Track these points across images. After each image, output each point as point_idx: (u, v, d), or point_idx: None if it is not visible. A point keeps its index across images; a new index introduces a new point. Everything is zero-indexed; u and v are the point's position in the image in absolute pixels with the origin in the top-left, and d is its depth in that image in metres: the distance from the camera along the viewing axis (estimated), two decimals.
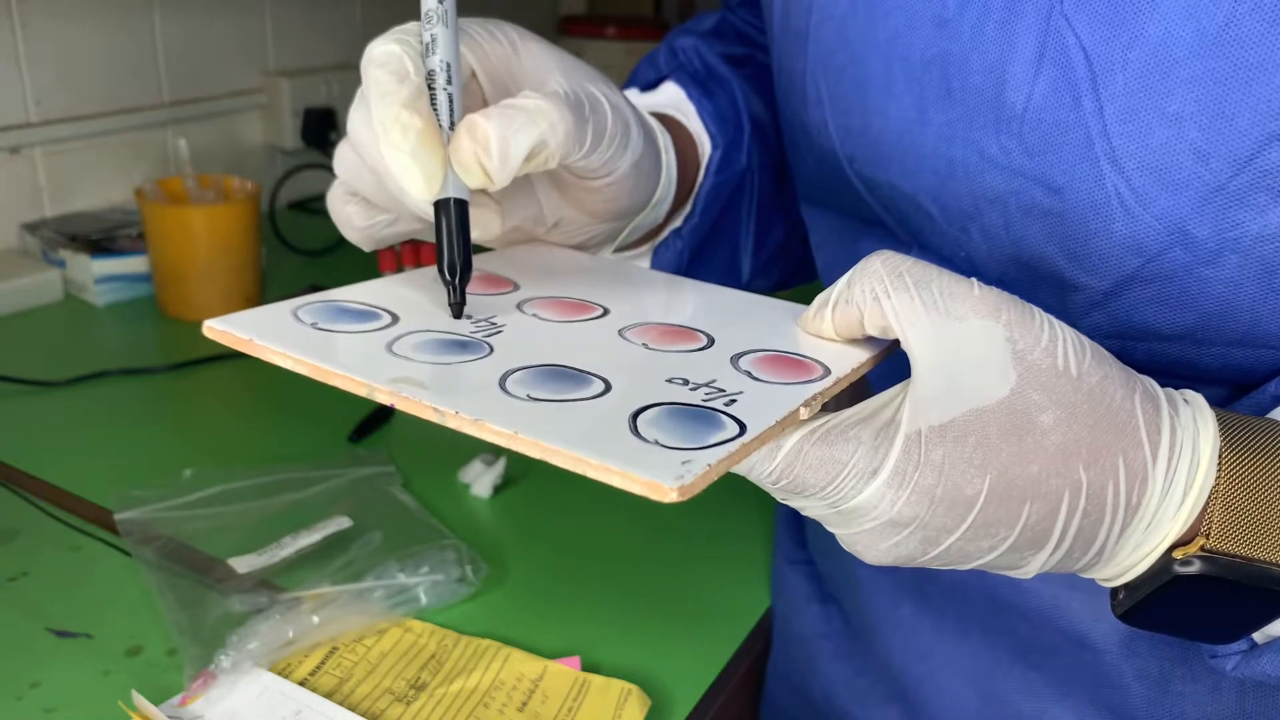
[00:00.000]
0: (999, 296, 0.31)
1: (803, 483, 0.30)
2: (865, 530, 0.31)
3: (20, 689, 0.49)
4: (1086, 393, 0.30)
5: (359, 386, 0.30)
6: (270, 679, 0.49)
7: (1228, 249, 0.34)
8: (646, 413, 0.29)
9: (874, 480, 0.29)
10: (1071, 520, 0.30)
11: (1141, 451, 0.30)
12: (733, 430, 0.28)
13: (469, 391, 0.29)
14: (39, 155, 1.01)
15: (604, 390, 0.30)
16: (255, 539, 0.58)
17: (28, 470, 0.67)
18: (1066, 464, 0.30)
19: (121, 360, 0.83)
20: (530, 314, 0.36)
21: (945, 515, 0.30)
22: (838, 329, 0.34)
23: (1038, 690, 0.46)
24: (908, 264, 0.31)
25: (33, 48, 0.98)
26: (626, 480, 0.26)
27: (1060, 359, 0.30)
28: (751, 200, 0.58)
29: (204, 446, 0.72)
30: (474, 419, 0.27)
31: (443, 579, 0.56)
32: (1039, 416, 0.29)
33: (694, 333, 0.36)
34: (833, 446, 0.30)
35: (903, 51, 0.39)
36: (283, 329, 0.33)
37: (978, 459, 0.29)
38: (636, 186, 0.42)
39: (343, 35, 1.33)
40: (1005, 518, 0.30)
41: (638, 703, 0.49)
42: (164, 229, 0.91)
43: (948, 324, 0.30)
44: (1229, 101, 0.32)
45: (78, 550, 0.59)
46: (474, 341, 0.33)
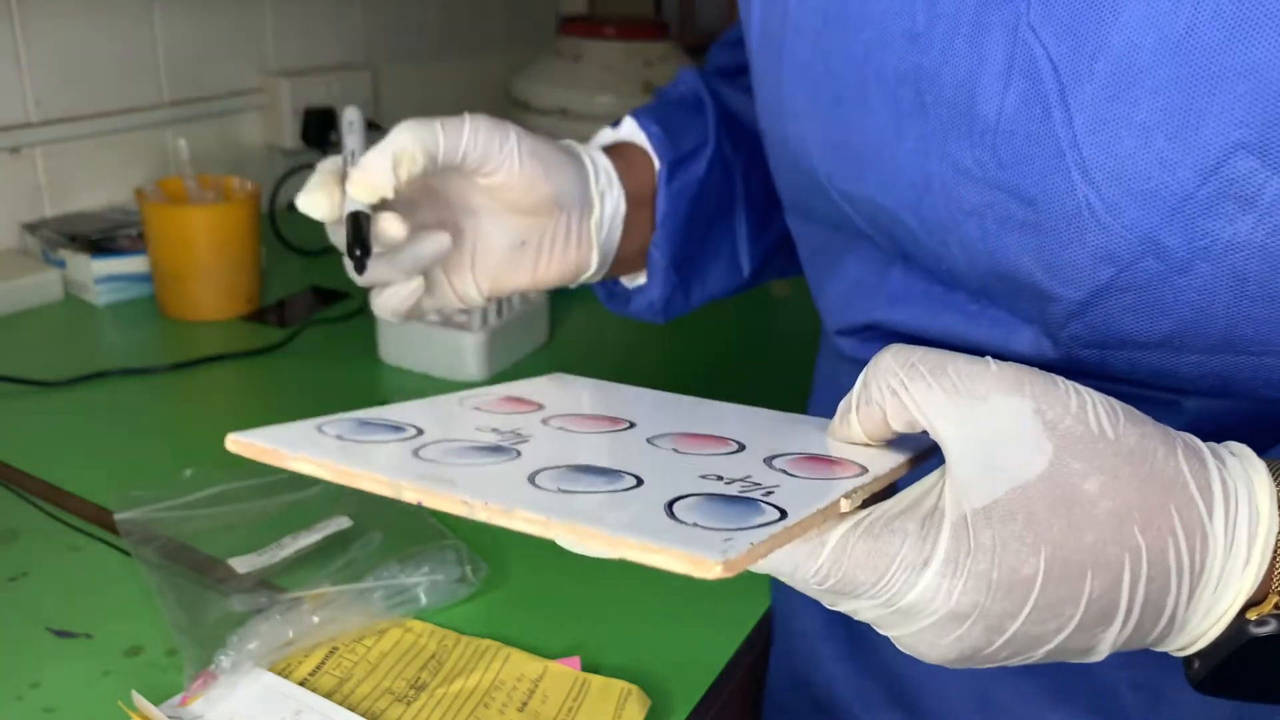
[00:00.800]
0: (1019, 371, 0.30)
1: (852, 580, 0.29)
2: (925, 627, 0.30)
3: (20, 689, 0.49)
4: (1127, 454, 0.29)
5: (384, 485, 0.29)
6: (270, 679, 0.49)
7: (1199, 258, 0.34)
8: (683, 501, 0.28)
9: (926, 571, 0.29)
10: (1137, 588, 0.29)
11: (1195, 509, 0.30)
12: (773, 515, 0.27)
13: (499, 486, 0.29)
14: (39, 155, 1.01)
15: (636, 484, 0.30)
16: (255, 539, 0.58)
17: (28, 470, 0.67)
18: (1121, 530, 0.29)
19: (121, 360, 0.83)
20: (556, 427, 0.37)
21: (1006, 600, 0.29)
22: (866, 431, 0.34)
23: (1035, 698, 0.47)
24: (919, 354, 0.32)
25: (33, 47, 0.98)
26: (668, 558, 0.25)
27: (1093, 423, 0.30)
28: (740, 199, 0.60)
29: (204, 446, 0.72)
30: (505, 509, 0.27)
31: (443, 579, 0.56)
32: (1083, 485, 0.29)
33: (724, 440, 0.36)
34: (878, 539, 0.29)
35: (876, 66, 0.40)
36: (307, 441, 0.33)
37: (1029, 537, 0.29)
38: (548, 178, 0.49)
39: (343, 35, 1.33)
40: (1068, 594, 0.29)
41: (638, 703, 0.49)
42: (164, 229, 0.91)
43: (972, 405, 0.30)
44: (1193, 110, 0.32)
45: (78, 550, 0.59)
46: (502, 447, 0.33)
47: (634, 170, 0.56)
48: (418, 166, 0.46)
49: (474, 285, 0.52)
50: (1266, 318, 0.34)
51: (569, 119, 1.27)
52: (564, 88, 1.28)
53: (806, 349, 0.62)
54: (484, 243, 0.51)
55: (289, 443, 0.32)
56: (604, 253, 0.54)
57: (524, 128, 0.50)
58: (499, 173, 0.48)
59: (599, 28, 1.32)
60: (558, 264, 0.53)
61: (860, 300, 0.47)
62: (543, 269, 0.52)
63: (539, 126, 1.30)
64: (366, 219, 0.46)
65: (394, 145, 0.45)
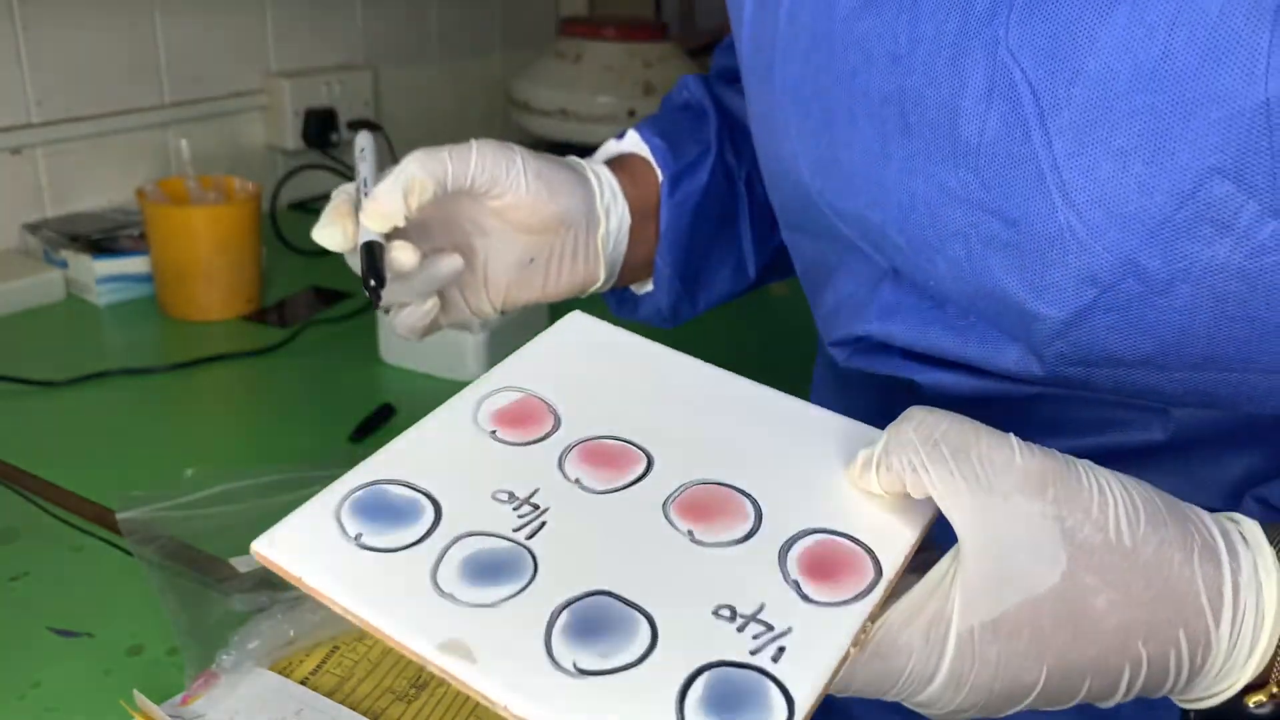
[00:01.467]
0: (1043, 464, 0.30)
1: (859, 692, 0.31)
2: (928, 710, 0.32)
3: (22, 688, 0.49)
4: (1142, 567, 0.30)
5: (410, 653, 0.30)
6: (271, 678, 0.49)
7: (1179, 279, 0.34)
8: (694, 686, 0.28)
9: (931, 685, 0.30)
10: (1134, 686, 0.31)
11: (1203, 620, 0.30)
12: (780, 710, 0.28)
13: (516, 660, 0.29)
14: (40, 156, 1.01)
15: (650, 645, 0.30)
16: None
17: (29, 470, 0.67)
18: (1125, 643, 0.30)
19: (123, 360, 0.83)
20: (573, 479, 0.36)
21: (1005, 700, 0.30)
22: (884, 488, 0.34)
23: None
24: (942, 428, 0.31)
25: (34, 48, 0.99)
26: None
27: (1112, 532, 0.30)
28: (744, 204, 0.61)
29: (205, 446, 0.72)
30: (521, 717, 0.28)
31: None
32: (1094, 600, 0.29)
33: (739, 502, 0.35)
34: (886, 660, 0.30)
35: (862, 86, 0.40)
36: (329, 551, 0.33)
37: (1034, 652, 0.29)
38: (554, 197, 0.50)
39: (343, 36, 1.33)
40: (1066, 691, 0.30)
41: None
42: (165, 229, 0.91)
43: (991, 503, 0.30)
44: (1169, 136, 0.32)
45: (79, 550, 0.60)
46: (518, 553, 0.33)
47: (638, 183, 0.56)
48: (428, 194, 0.46)
49: (487, 301, 0.53)
50: (1247, 337, 0.34)
51: (569, 119, 1.27)
52: (564, 88, 1.29)
53: (806, 349, 0.62)
54: (495, 261, 0.52)
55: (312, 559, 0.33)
56: (611, 266, 0.55)
57: (527, 135, 0.50)
58: (506, 195, 0.49)
59: (599, 28, 1.32)
60: (566, 278, 0.53)
61: (852, 313, 0.47)
62: (552, 283, 0.53)
63: (539, 127, 1.31)
64: (380, 249, 0.47)
65: (404, 175, 0.46)
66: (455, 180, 0.47)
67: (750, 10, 0.47)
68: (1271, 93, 0.30)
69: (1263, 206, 0.32)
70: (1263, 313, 0.33)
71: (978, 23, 0.36)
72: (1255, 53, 0.30)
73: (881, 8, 0.39)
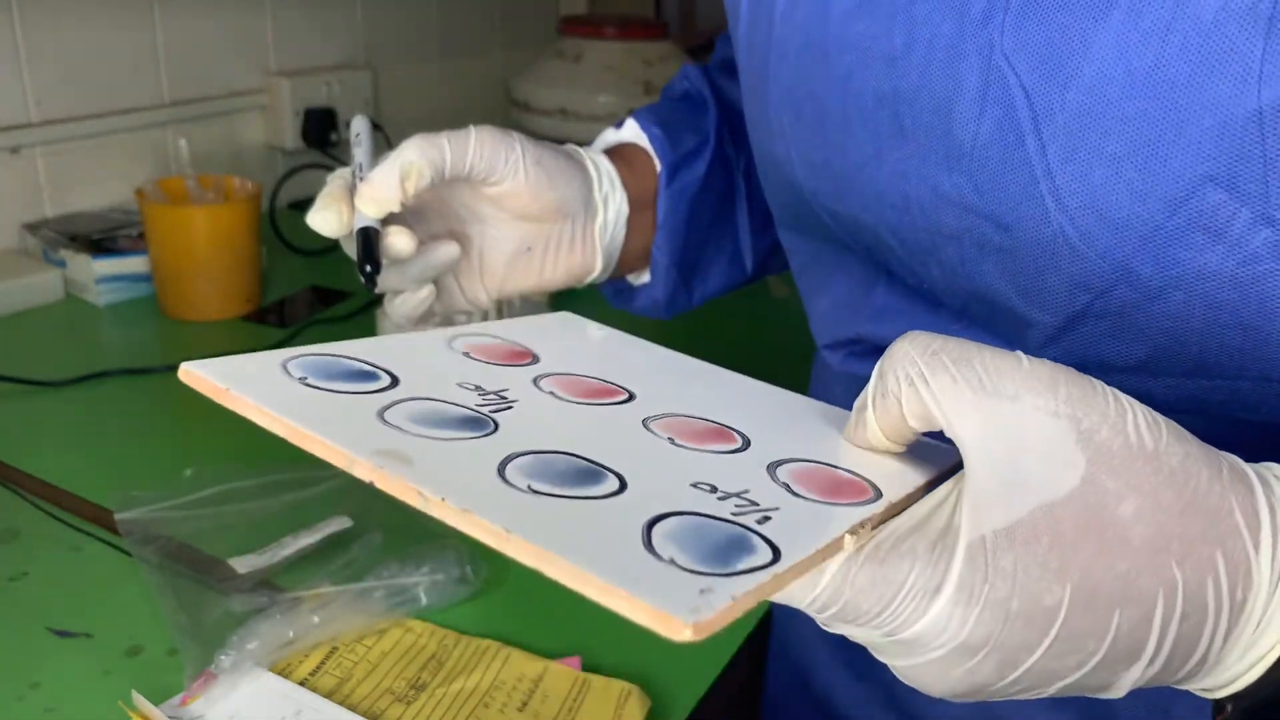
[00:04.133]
0: (1053, 369, 0.27)
1: (855, 610, 0.27)
2: (932, 660, 0.27)
3: (21, 689, 0.49)
4: (1169, 475, 0.26)
5: (338, 456, 0.27)
6: (270, 679, 0.49)
7: (1171, 286, 0.34)
8: (665, 522, 0.25)
9: (937, 599, 0.26)
10: (1169, 625, 0.26)
11: (1240, 540, 0.26)
12: (765, 556, 0.24)
13: (461, 475, 0.26)
14: (40, 155, 1.01)
15: (618, 489, 0.26)
16: (255, 539, 0.58)
17: (28, 470, 0.67)
18: (1156, 560, 0.26)
19: (122, 360, 0.83)
20: (547, 391, 0.33)
21: (1024, 631, 0.26)
22: (883, 429, 0.30)
23: (1030, 703, 0.47)
24: (941, 341, 0.28)
25: (33, 47, 0.98)
26: (633, 607, 0.22)
27: (1133, 436, 0.26)
28: (741, 196, 0.61)
29: (204, 446, 0.72)
30: (461, 509, 0.24)
31: (443, 579, 0.56)
32: (1118, 507, 0.26)
33: (727, 431, 0.32)
34: (884, 565, 0.26)
35: (856, 89, 0.40)
36: (265, 381, 0.29)
37: (1054, 562, 0.26)
38: (553, 185, 0.50)
39: (343, 35, 1.33)
40: (1093, 628, 0.26)
41: (638, 703, 0.49)
42: (164, 229, 0.91)
43: (999, 406, 0.27)
44: (1162, 143, 0.32)
45: (78, 550, 0.59)
46: (478, 417, 0.30)
47: (636, 172, 0.56)
48: (425, 181, 0.46)
49: (482, 290, 0.53)
50: (1239, 345, 0.34)
51: (569, 119, 1.27)
52: (564, 88, 1.28)
53: (806, 349, 0.62)
54: (491, 249, 0.52)
55: (246, 384, 0.28)
56: (608, 255, 0.55)
57: (527, 134, 0.51)
58: (505, 182, 0.49)
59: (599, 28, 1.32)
60: (563, 267, 0.53)
61: (846, 315, 0.47)
62: (549, 272, 0.53)
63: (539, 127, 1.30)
64: (376, 234, 0.46)
65: (401, 161, 0.46)
66: (453, 167, 0.47)
67: (745, 11, 0.47)
68: (1265, 101, 0.30)
69: (1255, 214, 0.31)
70: (1255, 320, 0.33)
71: (973, 26, 0.36)
72: (1249, 61, 0.30)
73: (876, 10, 0.39)
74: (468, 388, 0.32)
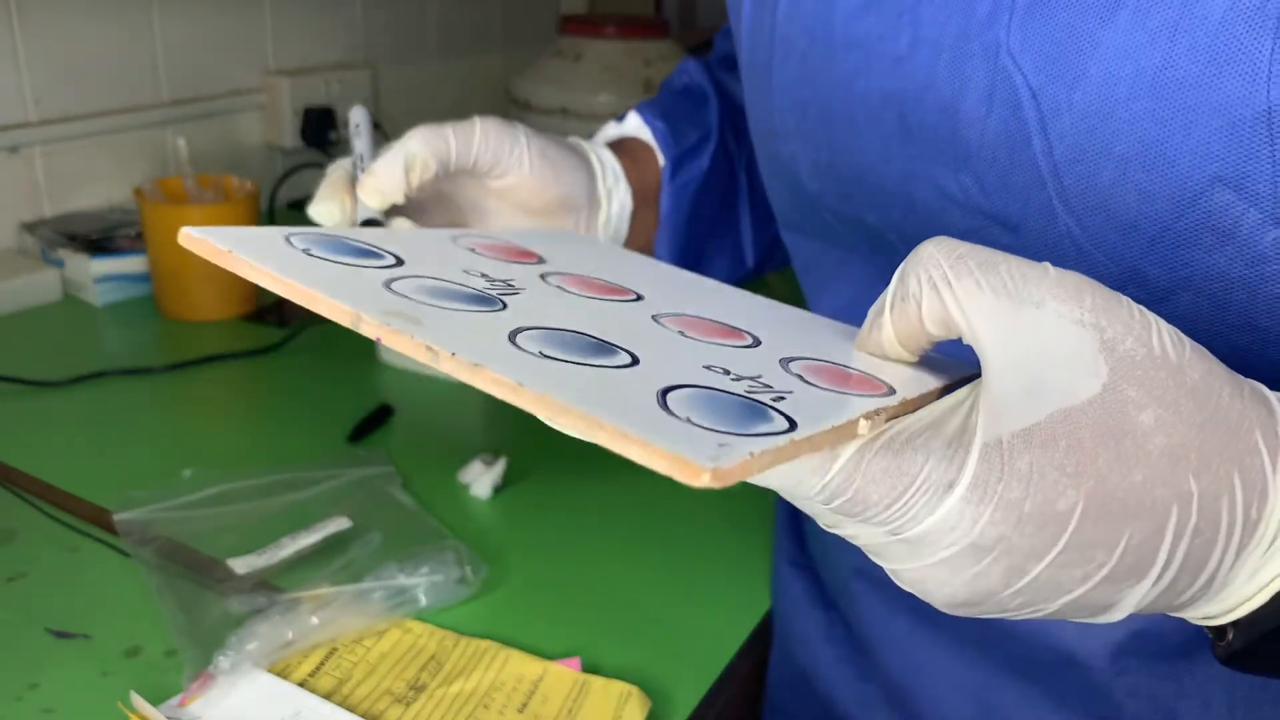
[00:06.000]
0: (1080, 279, 0.27)
1: (864, 500, 0.26)
2: (940, 561, 0.26)
3: (19, 690, 0.49)
4: (1190, 389, 0.26)
5: (342, 313, 0.26)
6: (269, 680, 0.49)
7: (1179, 288, 0.34)
8: (679, 391, 0.24)
9: (950, 494, 0.25)
10: (1180, 540, 0.26)
11: (1259, 459, 0.26)
12: (781, 425, 0.24)
13: (472, 336, 0.25)
14: (38, 154, 1.01)
15: (630, 363, 0.26)
16: (254, 539, 0.58)
17: (26, 470, 0.66)
18: (1173, 471, 0.25)
19: (120, 360, 0.83)
20: (554, 285, 0.33)
21: (1035, 536, 0.25)
22: (898, 334, 0.30)
23: (1035, 702, 0.46)
24: (968, 246, 0.28)
25: (32, 46, 0.98)
26: (649, 454, 0.21)
27: (1157, 348, 0.26)
28: (744, 191, 0.60)
29: (203, 447, 0.72)
30: (472, 363, 0.23)
31: (442, 580, 0.55)
32: (1138, 416, 0.25)
33: (738, 332, 0.32)
34: (899, 456, 0.26)
35: (861, 89, 0.40)
36: (270, 248, 0.29)
37: (1070, 466, 0.25)
38: (558, 179, 0.49)
39: (343, 35, 1.33)
40: (1104, 538, 0.25)
41: (638, 704, 0.49)
42: (163, 229, 0.90)
43: (1022, 311, 0.26)
44: (1169, 144, 0.32)
45: (76, 551, 0.59)
46: (486, 295, 0.29)
47: (639, 167, 0.56)
48: (429, 172, 0.46)
49: None
50: (1248, 345, 0.34)
51: (569, 118, 1.27)
52: (564, 87, 1.28)
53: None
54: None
55: (248, 248, 0.28)
56: None
57: (531, 128, 0.50)
58: (509, 175, 0.48)
59: (599, 27, 1.32)
60: None
61: (850, 315, 0.47)
62: None
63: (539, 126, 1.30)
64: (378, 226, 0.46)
65: (405, 151, 0.45)
66: (458, 158, 0.47)
67: (749, 9, 0.46)
68: (1273, 101, 0.30)
69: (1264, 215, 0.31)
70: (1264, 321, 0.33)
71: (979, 26, 0.36)
72: (1257, 61, 0.30)
73: (882, 9, 0.39)
74: (474, 274, 0.32)
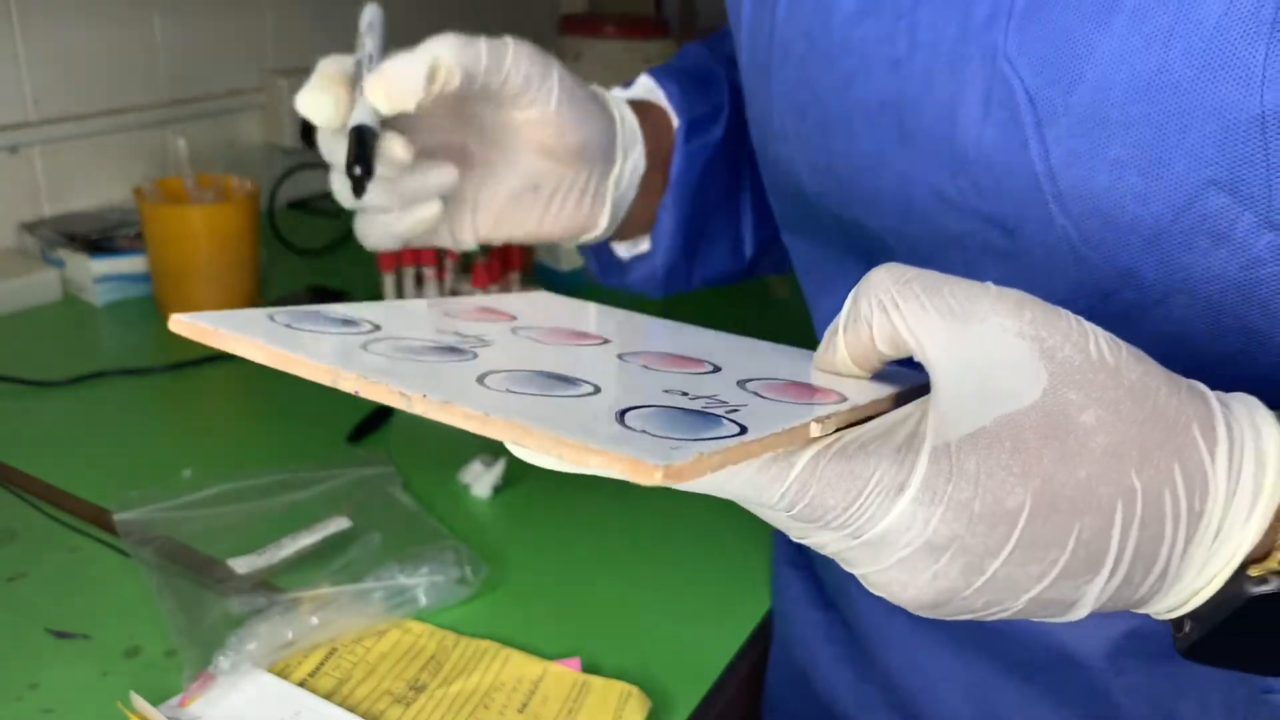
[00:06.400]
0: (1020, 296, 0.28)
1: (822, 505, 0.27)
2: (897, 562, 0.27)
3: (19, 690, 0.49)
4: (1128, 388, 0.27)
5: (322, 373, 0.28)
6: (269, 680, 0.49)
7: (1174, 290, 0.34)
8: (637, 410, 0.26)
9: (902, 496, 0.26)
10: (1129, 533, 0.27)
11: (1197, 451, 0.27)
12: (732, 430, 0.25)
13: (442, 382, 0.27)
14: (38, 154, 1.01)
15: (592, 391, 0.28)
16: (254, 539, 0.58)
17: (26, 470, 0.66)
18: (1116, 468, 0.26)
19: (120, 360, 0.83)
20: (525, 337, 0.35)
21: (987, 534, 0.26)
22: (851, 355, 0.31)
23: (1033, 702, 0.46)
24: (914, 272, 0.29)
25: (31, 47, 0.98)
26: (607, 461, 0.23)
27: (1094, 353, 0.27)
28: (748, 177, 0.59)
29: (203, 447, 0.72)
30: (441, 401, 0.25)
31: (442, 580, 0.55)
32: (1079, 416, 0.27)
33: (699, 361, 0.34)
34: (852, 461, 0.27)
35: (859, 93, 0.40)
36: (253, 325, 0.31)
37: (1016, 466, 0.26)
38: (581, 123, 0.46)
39: (343, 34, 1.32)
40: (1055, 534, 0.26)
41: (638, 704, 0.49)
42: (163, 228, 0.91)
43: (967, 327, 0.28)
44: (1165, 148, 0.32)
45: (76, 551, 0.59)
46: (458, 348, 0.31)
47: (653, 128, 0.53)
48: (454, 83, 0.41)
49: (471, 228, 0.49)
50: (1242, 348, 0.34)
51: None
52: None
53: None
54: (493, 182, 0.48)
55: (233, 326, 0.30)
56: (615, 211, 0.52)
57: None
58: (534, 107, 0.44)
59: (599, 26, 1.32)
60: (567, 217, 0.49)
61: None
62: (550, 220, 0.49)
63: None
64: (374, 136, 0.40)
65: (431, 56, 0.40)
66: (487, 74, 0.42)
67: (749, 11, 0.46)
68: (1267, 105, 0.30)
69: (1258, 218, 0.32)
70: (1258, 323, 0.33)
71: (977, 29, 0.36)
72: (1251, 65, 0.30)
73: (880, 13, 0.39)
74: (447, 333, 0.34)
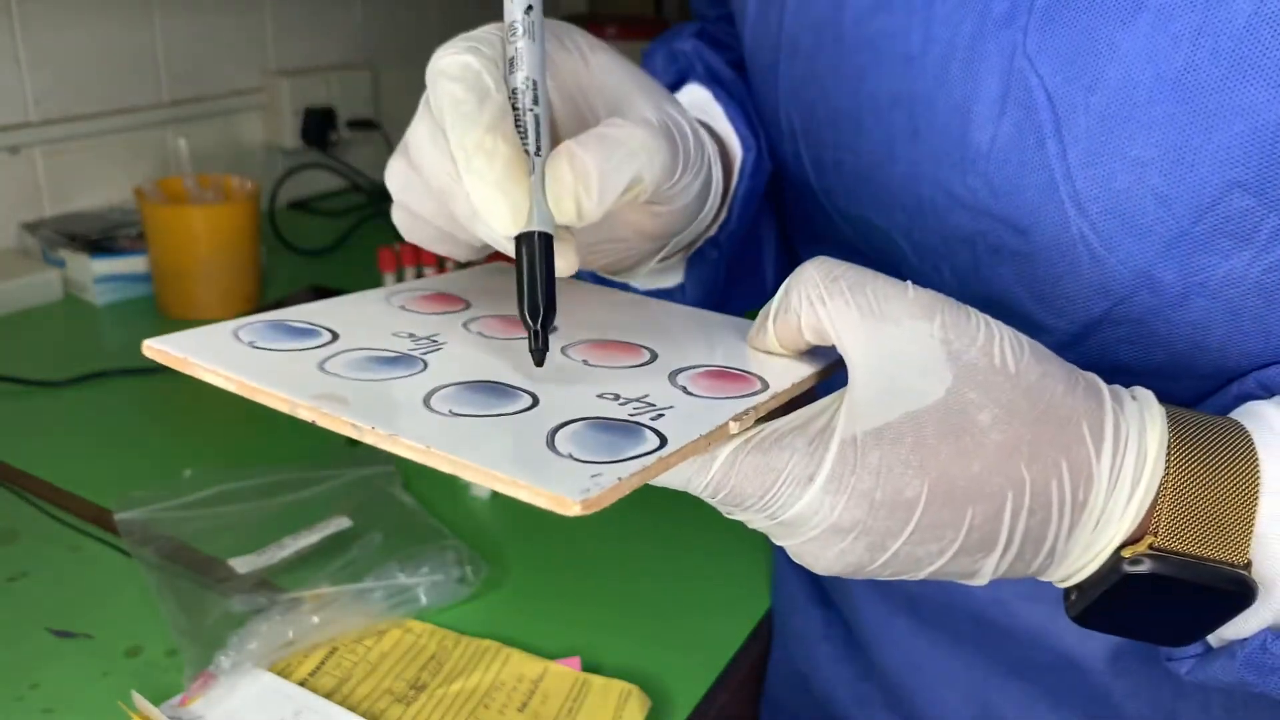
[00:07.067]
0: (933, 298, 0.30)
1: (740, 493, 0.30)
2: (810, 539, 0.30)
3: (20, 689, 0.49)
4: (1025, 390, 0.29)
5: (282, 403, 0.30)
6: (270, 679, 0.49)
7: (1194, 292, 0.34)
8: (567, 427, 0.28)
9: (810, 486, 0.29)
10: (1018, 520, 0.29)
11: (1084, 448, 0.30)
12: (652, 444, 0.28)
13: (390, 408, 0.29)
14: (39, 155, 1.01)
15: (529, 406, 0.30)
16: (255, 539, 0.58)
17: (27, 470, 0.66)
18: (1008, 462, 0.29)
19: (121, 360, 0.83)
20: (475, 332, 0.36)
21: (888, 519, 0.29)
22: (780, 340, 0.33)
23: (1033, 704, 0.46)
24: (843, 269, 0.31)
25: (32, 47, 0.98)
26: (532, 494, 0.25)
27: (997, 357, 0.29)
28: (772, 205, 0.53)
29: (204, 446, 0.72)
30: (389, 434, 0.27)
31: (443, 579, 0.56)
32: (977, 415, 0.29)
33: (638, 348, 0.36)
34: (767, 454, 0.29)
35: (870, 89, 0.39)
36: (220, 348, 0.33)
37: (915, 461, 0.29)
38: (693, 204, 0.38)
39: (343, 35, 1.33)
40: (950, 520, 0.29)
41: (638, 703, 0.49)
42: (164, 229, 0.91)
43: (882, 327, 0.30)
44: (1189, 148, 0.32)
45: (77, 550, 0.59)
46: (409, 357, 0.33)
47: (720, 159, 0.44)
48: (645, 195, 0.34)
49: None
50: (1260, 350, 0.34)
51: None
52: None
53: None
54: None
55: (201, 351, 0.33)
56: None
57: None
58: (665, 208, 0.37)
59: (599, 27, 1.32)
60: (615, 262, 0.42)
61: None
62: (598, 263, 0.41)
63: None
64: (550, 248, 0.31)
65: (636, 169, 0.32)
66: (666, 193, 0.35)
67: (753, 9, 0.46)
68: None
69: None
70: (1277, 326, 0.33)
71: (994, 26, 0.35)
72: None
73: (894, 8, 0.38)
74: (401, 336, 0.36)
